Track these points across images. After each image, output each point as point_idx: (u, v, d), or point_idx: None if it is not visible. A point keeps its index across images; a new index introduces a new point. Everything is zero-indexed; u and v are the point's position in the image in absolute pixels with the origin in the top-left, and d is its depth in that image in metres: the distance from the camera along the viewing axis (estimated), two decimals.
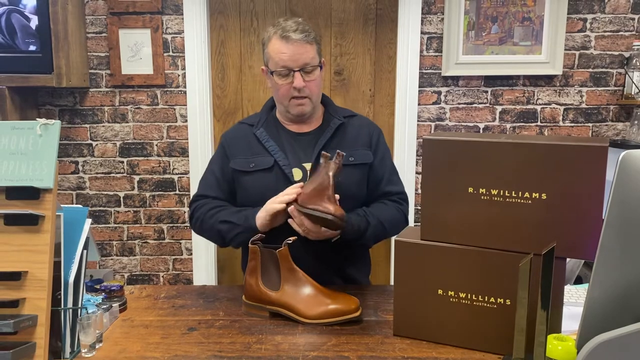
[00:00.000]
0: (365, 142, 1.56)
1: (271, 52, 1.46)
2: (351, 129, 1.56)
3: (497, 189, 1.06)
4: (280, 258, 1.25)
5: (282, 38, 1.43)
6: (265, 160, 1.50)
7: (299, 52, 1.43)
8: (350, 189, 1.47)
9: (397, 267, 1.17)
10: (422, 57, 2.56)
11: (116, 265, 2.75)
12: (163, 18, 2.56)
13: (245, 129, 1.58)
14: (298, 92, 1.45)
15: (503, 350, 1.07)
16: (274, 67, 1.46)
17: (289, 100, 1.48)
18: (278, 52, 1.44)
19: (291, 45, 1.43)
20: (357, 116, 1.63)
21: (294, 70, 1.44)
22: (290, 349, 1.12)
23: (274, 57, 1.45)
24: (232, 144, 1.57)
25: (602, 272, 0.83)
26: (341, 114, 1.58)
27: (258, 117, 1.59)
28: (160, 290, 1.47)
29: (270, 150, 1.51)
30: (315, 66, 1.47)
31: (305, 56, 1.44)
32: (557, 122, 2.60)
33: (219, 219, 1.47)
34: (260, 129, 1.55)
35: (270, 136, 1.53)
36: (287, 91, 1.47)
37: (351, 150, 1.51)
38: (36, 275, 1.03)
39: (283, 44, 1.43)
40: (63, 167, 2.67)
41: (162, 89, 2.61)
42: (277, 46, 1.44)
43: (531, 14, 2.49)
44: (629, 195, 0.80)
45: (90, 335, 1.08)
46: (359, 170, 1.52)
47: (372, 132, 1.59)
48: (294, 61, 1.43)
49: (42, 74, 2.35)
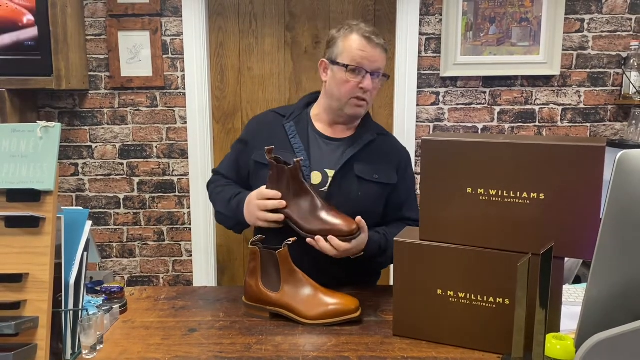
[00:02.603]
0: (393, 164, 1.54)
1: (348, 46, 1.45)
2: (381, 147, 1.55)
3: (496, 189, 1.06)
4: (280, 259, 1.25)
5: (364, 37, 1.44)
6: (286, 156, 1.46)
7: (377, 56, 1.44)
8: (364, 205, 1.46)
9: (397, 268, 1.17)
10: (420, 58, 2.56)
11: (116, 267, 2.76)
12: (162, 20, 2.56)
13: (276, 118, 1.56)
14: (363, 93, 1.45)
15: (502, 349, 1.08)
16: (347, 61, 1.44)
17: (349, 99, 1.47)
18: (358, 48, 1.43)
19: (372, 47, 1.43)
20: (390, 137, 1.62)
21: (367, 72, 1.44)
22: (290, 349, 1.13)
23: (351, 52, 1.44)
24: (258, 134, 1.56)
25: (600, 271, 0.83)
26: (375, 131, 1.57)
27: (292, 110, 1.58)
28: (161, 292, 1.48)
29: (294, 147, 1.49)
30: (383, 75, 1.49)
31: (380, 62, 1.46)
32: (555, 122, 2.60)
33: (216, 209, 1.55)
34: (291, 122, 1.53)
35: (298, 132, 1.51)
36: (353, 89, 1.45)
37: (377, 168, 1.50)
38: (37, 277, 1.03)
39: (365, 43, 1.43)
40: (63, 169, 2.67)
41: (162, 91, 2.62)
42: (358, 43, 1.44)
43: (529, 15, 2.50)
44: (627, 194, 0.80)
45: (91, 337, 1.09)
46: (380, 188, 1.50)
47: (401, 156, 1.58)
48: (370, 62, 1.44)
49: (42, 76, 2.35)
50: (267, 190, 1.36)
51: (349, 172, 1.48)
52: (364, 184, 1.48)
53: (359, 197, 1.47)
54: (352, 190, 1.47)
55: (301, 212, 1.33)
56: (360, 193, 1.47)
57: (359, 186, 1.48)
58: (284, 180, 1.34)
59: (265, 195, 1.36)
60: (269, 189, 1.36)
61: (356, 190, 1.47)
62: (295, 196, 1.33)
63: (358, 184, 1.48)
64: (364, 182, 1.48)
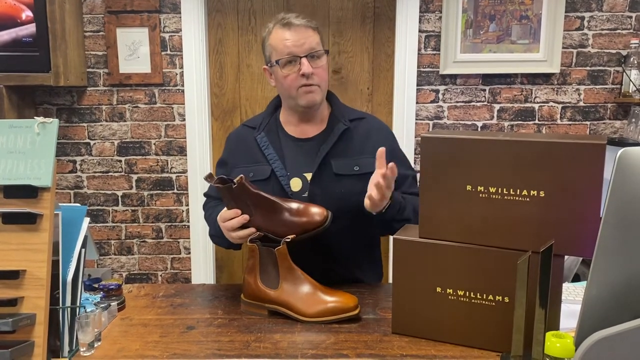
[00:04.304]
0: (373, 149, 1.33)
1: (273, 42, 1.41)
2: (357, 134, 1.47)
3: (495, 186, 1.06)
4: (278, 256, 1.25)
5: (284, 25, 1.39)
6: (263, 169, 1.44)
7: (304, 36, 1.38)
8: (352, 200, 1.38)
9: (396, 265, 1.17)
10: (420, 56, 2.56)
11: (114, 264, 2.75)
12: (161, 17, 2.55)
13: (248, 132, 1.53)
14: (306, 79, 1.38)
15: (501, 347, 1.08)
16: (278, 56, 1.40)
17: (297, 90, 1.40)
18: (281, 39, 1.38)
19: (294, 31, 1.38)
20: (366, 119, 1.53)
21: (300, 57, 1.38)
22: (289, 347, 1.12)
23: (277, 46, 1.40)
24: (235, 151, 1.54)
25: (600, 269, 0.83)
26: (347, 117, 1.49)
27: (260, 120, 1.53)
28: (159, 289, 1.47)
29: (268, 158, 1.45)
30: (321, 51, 1.41)
31: (310, 40, 1.39)
32: (555, 120, 2.60)
33: (209, 232, 1.51)
34: (261, 133, 1.49)
35: (270, 142, 1.47)
36: (295, 80, 1.39)
37: (356, 159, 1.43)
38: (34, 273, 1.03)
39: (286, 31, 1.38)
40: (61, 166, 2.67)
41: (160, 88, 2.61)
42: (280, 34, 1.39)
43: (529, 12, 2.50)
44: (627, 192, 0.80)
45: (89, 334, 1.08)
46: (365, 180, 1.34)
47: (381, 137, 1.48)
48: (299, 46, 1.38)
49: (40, 72, 2.34)
50: (226, 212, 1.32)
51: (327, 171, 1.43)
52: (345, 180, 1.42)
53: (342, 195, 1.41)
54: (334, 190, 1.42)
55: (267, 219, 1.29)
56: (343, 190, 1.41)
57: (340, 184, 1.42)
58: (238, 197, 1.29)
59: (225, 217, 1.31)
60: (229, 209, 1.32)
61: (338, 189, 1.42)
62: (256, 206, 1.29)
63: (338, 182, 1.42)
64: (344, 179, 1.42)
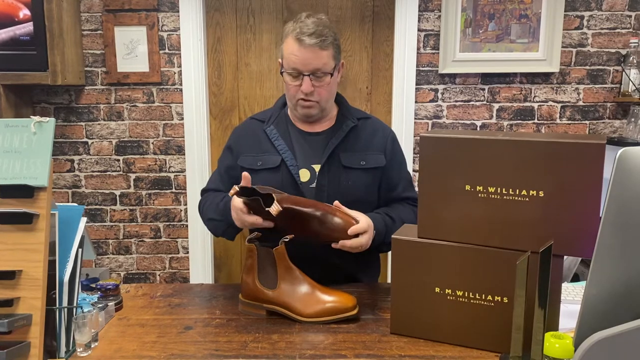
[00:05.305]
0: (378, 146, 1.53)
1: (285, 50, 1.44)
2: (364, 131, 1.53)
3: (495, 186, 1.05)
4: (277, 256, 1.24)
5: (296, 40, 1.40)
6: (273, 159, 1.48)
7: (311, 57, 1.40)
8: (355, 193, 1.46)
9: (395, 265, 1.17)
10: (419, 55, 2.55)
11: (112, 264, 2.74)
12: (159, 15, 2.54)
13: (256, 125, 1.56)
14: (305, 95, 1.44)
15: (500, 348, 1.07)
16: (285, 65, 1.44)
17: (296, 101, 1.46)
18: (290, 53, 1.41)
19: (304, 49, 1.39)
20: (371, 119, 1.59)
21: (304, 74, 1.41)
22: (287, 347, 1.12)
23: (286, 56, 1.43)
24: (241, 140, 1.56)
25: (599, 269, 0.82)
26: (355, 116, 1.55)
27: (269, 113, 1.57)
28: (157, 289, 1.47)
29: (278, 148, 1.49)
30: (326, 73, 1.43)
31: (316, 62, 1.41)
32: (554, 120, 2.60)
33: (207, 217, 1.52)
34: (271, 126, 1.53)
35: (280, 134, 1.51)
36: (295, 92, 1.45)
37: (363, 154, 1.50)
38: (31, 274, 1.02)
39: (296, 46, 1.40)
40: (59, 165, 2.66)
41: (158, 87, 2.60)
42: (291, 46, 1.41)
43: (528, 12, 2.49)
44: (627, 192, 0.79)
45: (86, 335, 1.08)
46: (370, 174, 1.50)
47: (386, 137, 1.56)
48: (304, 65, 1.40)
49: (37, 71, 2.33)
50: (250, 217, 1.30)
51: (335, 163, 1.48)
52: (352, 173, 1.48)
53: (349, 187, 1.47)
54: (341, 181, 1.47)
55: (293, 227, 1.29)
56: (350, 182, 1.47)
57: (347, 176, 1.48)
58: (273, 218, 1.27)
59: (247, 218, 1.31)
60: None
61: (345, 180, 1.47)
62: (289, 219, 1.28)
63: (346, 174, 1.48)
64: (351, 171, 1.48)
